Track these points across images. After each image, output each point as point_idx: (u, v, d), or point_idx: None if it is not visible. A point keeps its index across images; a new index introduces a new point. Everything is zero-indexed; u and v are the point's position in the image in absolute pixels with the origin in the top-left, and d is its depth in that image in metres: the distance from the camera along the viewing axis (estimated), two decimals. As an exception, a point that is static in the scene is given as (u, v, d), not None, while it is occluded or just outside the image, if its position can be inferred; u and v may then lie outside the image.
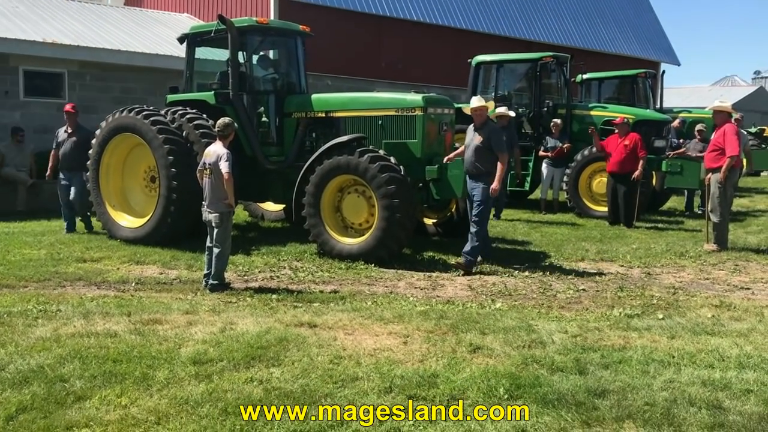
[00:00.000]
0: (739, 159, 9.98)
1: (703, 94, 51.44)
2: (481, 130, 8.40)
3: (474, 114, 8.51)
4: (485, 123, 8.49)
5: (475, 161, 8.35)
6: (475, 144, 8.36)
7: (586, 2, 28.33)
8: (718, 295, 7.22)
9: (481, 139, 8.33)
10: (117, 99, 15.60)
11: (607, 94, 17.47)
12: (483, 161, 8.33)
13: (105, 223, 10.23)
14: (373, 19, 20.72)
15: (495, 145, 8.33)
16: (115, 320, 5.88)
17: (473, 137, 8.45)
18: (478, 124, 8.47)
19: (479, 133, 8.39)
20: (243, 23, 10.15)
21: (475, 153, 8.36)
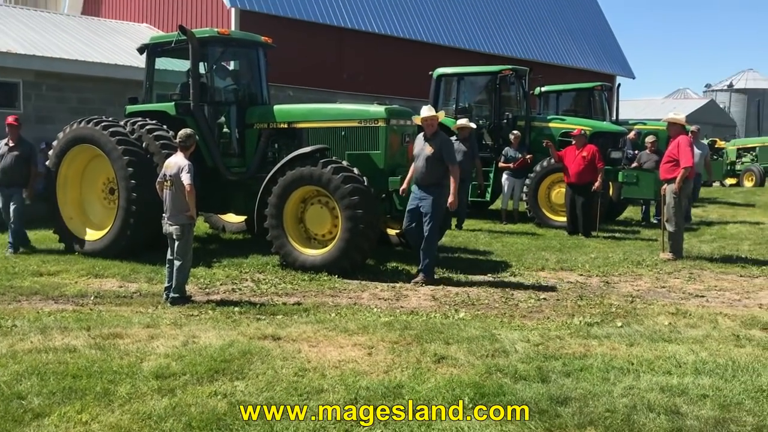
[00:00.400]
0: (692, 170, 10.26)
1: (656, 106, 52.81)
2: (433, 141, 8.30)
3: (424, 124, 8.40)
4: (436, 133, 8.38)
5: (427, 172, 8.24)
6: (426, 154, 8.24)
7: (544, 17, 28.87)
8: (674, 303, 7.39)
9: (433, 149, 8.22)
10: (74, 110, 15.33)
11: (564, 107, 17.81)
12: (434, 172, 8.23)
13: (62, 236, 10.02)
14: (335, 30, 20.80)
15: (447, 156, 8.26)
16: (74, 335, 5.76)
17: (423, 147, 8.32)
18: (428, 135, 8.36)
19: (430, 144, 8.28)
20: (204, 34, 10.10)
21: (426, 164, 8.24)
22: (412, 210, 8.38)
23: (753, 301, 7.64)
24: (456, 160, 8.52)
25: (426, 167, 8.25)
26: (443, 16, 24.36)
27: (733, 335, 6.03)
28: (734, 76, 61.57)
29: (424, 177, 8.28)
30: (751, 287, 8.39)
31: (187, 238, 7.19)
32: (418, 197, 8.35)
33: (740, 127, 55.34)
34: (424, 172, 8.27)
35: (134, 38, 17.81)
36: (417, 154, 8.39)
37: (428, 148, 8.27)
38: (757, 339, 5.94)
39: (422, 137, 8.46)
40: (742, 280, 8.80)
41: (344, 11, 21.05)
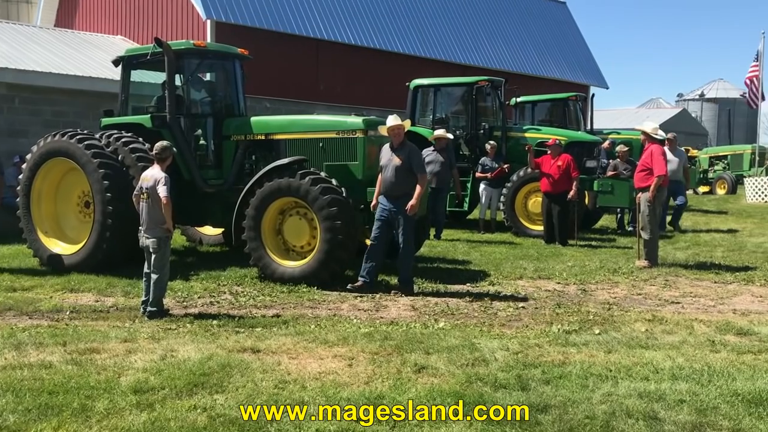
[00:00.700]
0: (666, 178, 10.41)
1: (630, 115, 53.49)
2: (400, 151, 8.24)
3: (391, 134, 8.33)
4: (403, 143, 8.32)
5: (396, 183, 8.17)
6: (395, 165, 8.17)
7: (518, 28, 29.18)
8: (651, 310, 7.48)
9: (401, 160, 8.17)
10: (48, 122, 15.19)
11: (540, 117, 17.99)
12: (404, 183, 8.16)
13: (36, 251, 9.89)
14: (311, 42, 20.84)
15: (416, 166, 8.21)
16: (50, 350, 5.68)
17: (391, 158, 8.24)
18: (396, 145, 8.29)
19: (398, 154, 8.22)
20: (180, 46, 10.07)
21: (396, 174, 8.16)
22: (382, 221, 8.29)
23: (727, 307, 7.75)
24: (425, 169, 8.48)
25: (395, 178, 8.18)
26: (419, 27, 24.53)
27: (708, 341, 6.12)
28: (705, 86, 62.67)
29: (393, 188, 8.20)
30: (725, 293, 8.52)
31: (164, 251, 7.14)
32: (387, 209, 8.25)
33: (712, 136, 56.27)
34: (394, 183, 8.19)
35: (108, 50, 17.71)
36: (384, 165, 8.30)
37: (396, 158, 8.21)
38: (732, 344, 6.03)
39: (389, 148, 8.40)
40: (716, 287, 8.94)
41: (320, 23, 21.11)
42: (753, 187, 22.52)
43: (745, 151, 28.22)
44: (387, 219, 8.27)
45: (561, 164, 12.11)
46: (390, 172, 8.21)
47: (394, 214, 8.22)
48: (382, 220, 8.29)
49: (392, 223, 8.28)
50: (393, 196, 8.21)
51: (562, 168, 12.09)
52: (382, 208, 8.30)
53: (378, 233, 8.31)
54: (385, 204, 8.28)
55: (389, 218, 8.26)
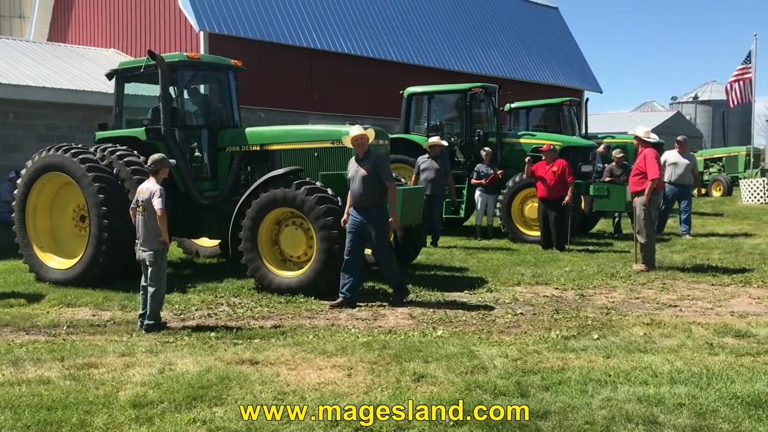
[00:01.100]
0: (660, 181, 10.43)
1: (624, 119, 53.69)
2: (366, 161, 8.04)
3: (355, 144, 8.12)
4: (368, 152, 8.13)
5: (365, 194, 7.96)
6: (362, 175, 7.96)
7: (511, 34, 29.27)
8: (649, 314, 7.48)
9: (367, 169, 7.96)
10: (42, 137, 15.18)
11: (534, 122, 18.04)
12: (373, 193, 7.98)
13: (32, 266, 9.86)
14: (305, 51, 20.87)
15: (383, 173, 7.99)
16: (48, 366, 5.66)
17: (358, 169, 8.04)
18: (361, 155, 8.09)
19: (363, 164, 8.01)
20: (174, 58, 10.08)
21: (363, 185, 7.96)
22: (352, 233, 8.05)
23: (725, 309, 7.76)
24: (392, 176, 8.27)
25: (363, 189, 7.97)
26: (412, 35, 24.59)
27: (706, 344, 6.12)
28: (699, 89, 62.86)
29: (363, 199, 7.98)
30: (722, 295, 8.53)
31: (160, 264, 7.13)
32: (358, 220, 8.03)
33: (707, 138, 56.42)
34: (363, 194, 7.97)
35: (102, 64, 17.72)
36: (352, 177, 8.08)
37: (362, 169, 8.00)
38: (730, 346, 6.03)
39: (354, 160, 8.19)
40: (714, 289, 8.95)
41: (313, 32, 21.15)
42: (748, 188, 22.58)
43: (740, 152, 28.30)
44: (357, 231, 8.04)
45: (556, 170, 12.13)
46: (357, 184, 8.00)
47: (364, 226, 8.02)
48: (352, 232, 8.05)
49: (363, 235, 8.07)
50: (363, 207, 7.99)
51: (557, 173, 12.11)
52: (352, 220, 8.06)
53: (350, 247, 8.06)
54: (355, 216, 8.04)
55: (359, 230, 8.04)
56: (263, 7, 20.22)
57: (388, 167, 8.25)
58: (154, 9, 20.20)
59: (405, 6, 25.15)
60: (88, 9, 22.68)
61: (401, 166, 14.11)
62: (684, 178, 13.94)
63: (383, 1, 24.44)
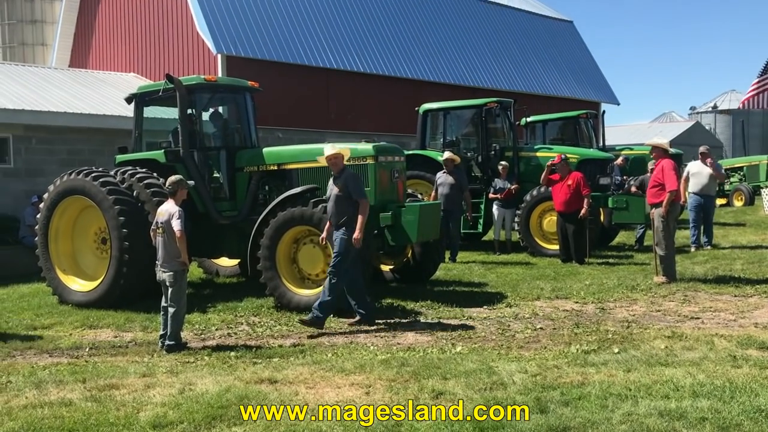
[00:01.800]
0: (679, 193, 10.33)
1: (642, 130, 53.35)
2: (338, 179, 7.97)
3: (329, 163, 8.08)
4: (343, 170, 8.05)
5: (338, 212, 7.91)
6: (335, 194, 7.92)
7: (525, 48, 29.31)
8: (670, 326, 7.40)
9: (339, 188, 7.90)
10: (64, 161, 15.43)
11: (551, 136, 18.00)
12: (344, 210, 7.87)
13: (55, 288, 9.99)
14: (321, 71, 21.05)
15: (354, 191, 7.90)
16: (70, 388, 5.72)
17: (332, 188, 7.97)
18: (336, 173, 8.02)
19: (337, 183, 7.96)
20: (191, 81, 10.23)
21: (335, 204, 7.92)
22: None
23: (748, 321, 7.65)
24: (364, 194, 8.09)
25: (335, 207, 7.91)
26: (427, 52, 24.71)
27: (729, 356, 6.04)
28: (718, 98, 62.38)
29: (336, 217, 7.92)
30: (745, 307, 8.41)
31: (181, 285, 7.19)
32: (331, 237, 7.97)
33: (727, 148, 55.90)
34: (335, 213, 7.92)
35: (122, 88, 17.99)
36: (328, 196, 8.03)
37: (335, 187, 7.95)
38: (754, 359, 5.94)
39: (332, 179, 8.10)
40: (737, 300, 8.83)
41: (329, 52, 21.34)
42: (770, 197, 22.29)
43: (761, 161, 27.95)
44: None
45: (571, 183, 12.07)
46: (331, 203, 7.97)
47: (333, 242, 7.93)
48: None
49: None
50: (336, 225, 7.91)
51: (573, 187, 12.04)
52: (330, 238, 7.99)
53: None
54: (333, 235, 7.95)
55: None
56: (279, 29, 20.46)
57: (357, 184, 8.06)
58: (172, 33, 20.52)
59: (419, 23, 25.31)
60: (108, 35, 23.10)
61: (418, 182, 14.15)
62: (708, 188, 13.71)
63: (397, 19, 24.62)
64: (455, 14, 27.07)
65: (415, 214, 9.03)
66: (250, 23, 19.79)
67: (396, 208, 9.14)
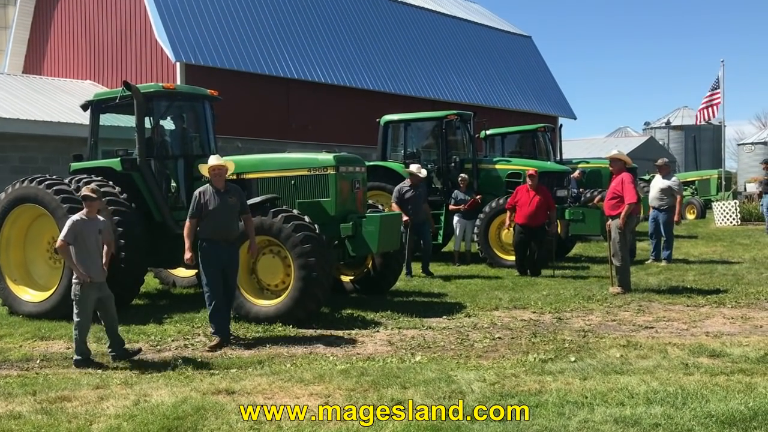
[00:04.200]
0: (638, 206, 10.52)
1: (599, 145, 54.35)
2: (231, 193, 7.75)
3: (213, 174, 7.70)
4: (227, 183, 7.84)
5: (235, 226, 7.74)
6: (230, 207, 7.64)
7: (485, 63, 29.71)
8: (625, 336, 7.54)
9: (233, 202, 7.69)
10: (16, 169, 15.08)
11: (510, 148, 18.25)
12: (237, 224, 7.79)
13: (5, 299, 9.70)
14: (281, 81, 21.01)
15: (245, 205, 7.85)
16: (19, 400, 5.55)
17: (222, 201, 7.60)
18: (220, 186, 7.68)
19: (229, 196, 7.68)
20: (149, 89, 10.09)
21: (232, 217, 7.68)
22: (219, 269, 7.69)
23: (700, 330, 7.85)
24: (248, 207, 8.01)
25: (233, 221, 7.72)
26: (389, 64, 24.88)
27: (682, 364, 6.18)
28: (671, 114, 63.94)
29: (232, 232, 7.72)
30: (697, 316, 8.62)
31: (78, 297, 6.93)
32: (225, 255, 7.66)
33: (680, 163, 57.30)
34: (233, 227, 7.71)
35: (77, 95, 17.67)
36: (214, 210, 7.56)
37: (229, 201, 7.67)
38: (705, 366, 6.09)
39: (212, 191, 7.67)
40: (689, 310, 9.05)
41: (290, 62, 21.31)
42: (721, 211, 22.95)
43: (712, 176, 28.78)
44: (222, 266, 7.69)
45: (539, 196, 12.10)
46: (225, 216, 7.62)
47: (231, 259, 7.77)
48: (219, 268, 7.69)
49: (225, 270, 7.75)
50: (230, 240, 7.73)
51: (541, 200, 12.07)
52: (217, 255, 7.62)
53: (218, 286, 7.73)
54: (219, 250, 7.63)
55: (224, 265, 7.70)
56: (239, 38, 20.36)
57: (245, 199, 8.03)
58: (130, 40, 20.25)
59: (380, 35, 25.48)
60: (63, 41, 22.68)
61: (379, 194, 14.17)
62: (658, 202, 13.86)
63: (359, 30, 24.73)
64: (416, 27, 27.33)
65: (376, 225, 9.04)
66: (210, 32, 19.66)
67: (357, 219, 9.14)
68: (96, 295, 6.95)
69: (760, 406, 4.80)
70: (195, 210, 7.63)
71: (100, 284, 6.98)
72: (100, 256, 7.01)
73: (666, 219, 13.40)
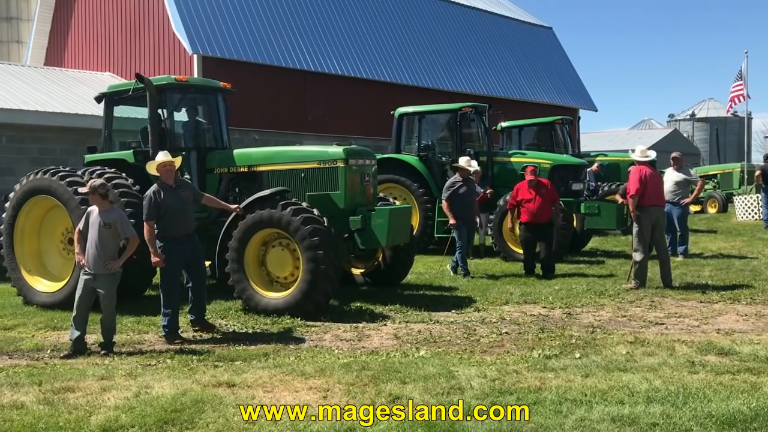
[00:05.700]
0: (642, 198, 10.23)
1: (622, 138, 53.83)
2: (184, 187, 7.84)
3: (163, 170, 7.64)
4: (177, 179, 7.82)
5: (190, 219, 7.78)
6: (189, 202, 7.76)
7: (505, 54, 29.44)
8: (634, 332, 7.45)
9: (188, 196, 7.75)
10: (35, 160, 15.22)
11: (527, 141, 18.09)
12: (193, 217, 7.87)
13: (20, 289, 9.85)
14: (298, 73, 20.99)
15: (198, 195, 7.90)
16: (24, 390, 5.63)
17: (179, 197, 7.61)
18: (171, 182, 7.65)
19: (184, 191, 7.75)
20: (162, 81, 10.14)
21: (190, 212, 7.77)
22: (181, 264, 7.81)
23: (711, 327, 7.73)
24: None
25: (191, 216, 7.82)
26: (405, 56, 24.74)
27: (688, 362, 6.09)
28: (695, 106, 63.07)
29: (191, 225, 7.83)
30: (710, 313, 8.49)
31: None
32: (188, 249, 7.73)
33: (704, 155, 56.50)
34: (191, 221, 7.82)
35: (96, 87, 17.79)
36: (172, 206, 7.53)
37: (186, 195, 7.73)
38: (711, 364, 5.99)
39: (165, 188, 7.63)
40: (702, 306, 8.91)
41: (307, 55, 21.29)
42: (743, 205, 22.56)
43: (735, 169, 28.30)
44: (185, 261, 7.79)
45: (543, 192, 11.58)
46: (184, 212, 7.67)
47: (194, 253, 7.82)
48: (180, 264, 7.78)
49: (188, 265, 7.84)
50: (190, 234, 7.78)
51: (544, 196, 11.55)
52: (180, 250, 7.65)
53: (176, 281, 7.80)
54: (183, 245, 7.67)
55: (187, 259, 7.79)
56: (256, 30, 20.38)
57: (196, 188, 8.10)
58: (148, 33, 20.36)
59: (397, 27, 25.34)
60: (83, 33, 22.88)
61: (392, 186, 14.16)
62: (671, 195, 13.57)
63: (376, 22, 24.63)
64: (434, 18, 27.14)
65: (385, 218, 9.02)
66: (227, 24, 19.70)
67: (366, 212, 9.13)
68: (91, 284, 7.14)
69: (762, 407, 4.72)
70: (152, 211, 7.53)
71: (95, 276, 7.11)
72: (98, 248, 7.10)
73: (680, 213, 13.20)
